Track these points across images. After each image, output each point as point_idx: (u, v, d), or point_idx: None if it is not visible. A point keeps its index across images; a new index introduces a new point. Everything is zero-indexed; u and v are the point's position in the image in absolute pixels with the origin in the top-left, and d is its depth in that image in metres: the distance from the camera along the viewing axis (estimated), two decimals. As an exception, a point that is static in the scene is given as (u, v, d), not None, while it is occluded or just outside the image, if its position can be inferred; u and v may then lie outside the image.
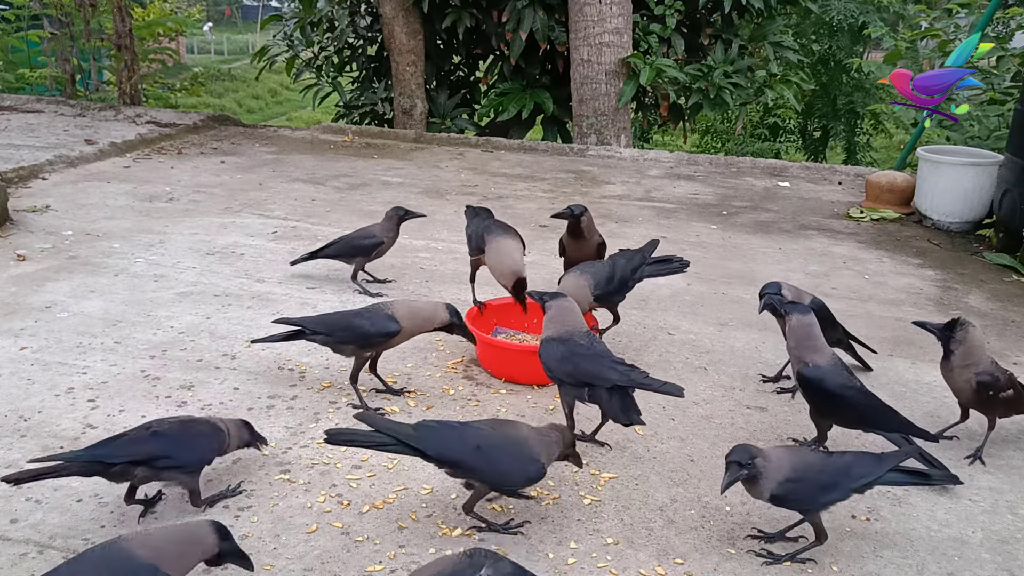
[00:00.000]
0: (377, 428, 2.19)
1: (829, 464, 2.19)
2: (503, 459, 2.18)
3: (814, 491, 2.14)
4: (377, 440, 2.18)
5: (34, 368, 3.02)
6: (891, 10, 15.74)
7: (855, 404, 2.47)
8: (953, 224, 5.23)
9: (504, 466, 2.18)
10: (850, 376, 2.50)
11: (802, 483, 2.12)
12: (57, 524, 2.20)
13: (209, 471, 2.45)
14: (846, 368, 2.53)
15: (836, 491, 2.15)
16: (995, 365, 2.68)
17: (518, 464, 2.18)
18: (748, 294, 3.99)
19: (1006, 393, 2.67)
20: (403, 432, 2.18)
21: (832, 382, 2.46)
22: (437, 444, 2.17)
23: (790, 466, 2.13)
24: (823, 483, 2.14)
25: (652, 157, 7.19)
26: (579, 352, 2.53)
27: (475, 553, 1.79)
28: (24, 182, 5.44)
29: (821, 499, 2.15)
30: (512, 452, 2.19)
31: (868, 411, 2.48)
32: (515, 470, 2.19)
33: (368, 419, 2.23)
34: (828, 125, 18.43)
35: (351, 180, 5.96)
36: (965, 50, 5.34)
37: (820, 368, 2.48)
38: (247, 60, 26.21)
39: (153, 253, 4.26)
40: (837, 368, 2.50)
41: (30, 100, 8.21)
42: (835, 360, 2.52)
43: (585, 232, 3.58)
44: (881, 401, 2.52)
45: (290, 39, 9.73)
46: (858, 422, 2.55)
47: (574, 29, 7.66)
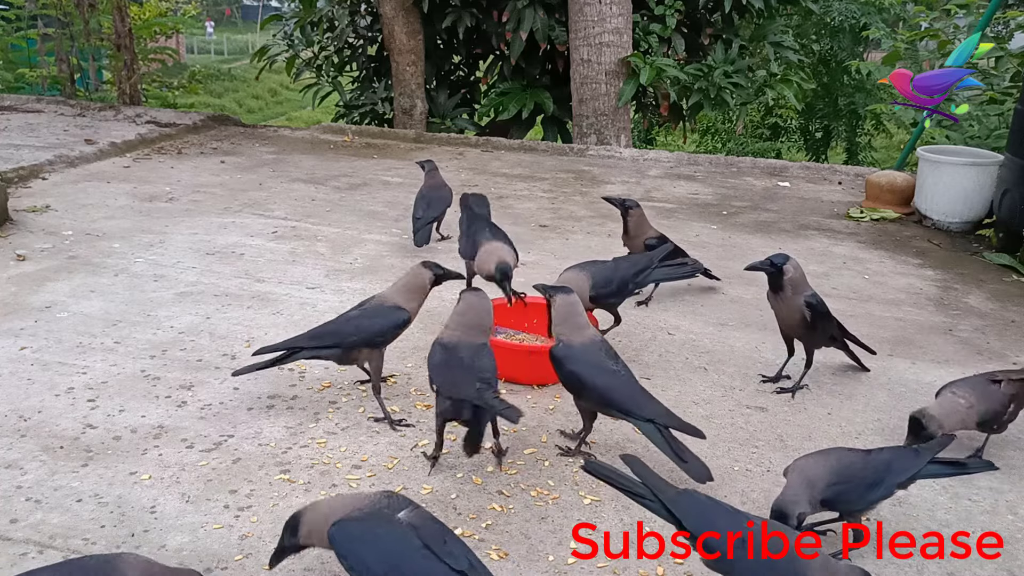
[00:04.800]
0: (642, 479, 1.96)
1: (871, 462, 2.21)
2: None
3: (861, 490, 2.16)
4: (635, 491, 1.97)
5: (34, 368, 3.02)
6: (892, 11, 15.73)
7: (600, 386, 2.45)
8: (953, 224, 5.23)
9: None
10: (606, 359, 2.49)
11: (849, 484, 2.14)
12: (57, 524, 2.20)
13: (209, 471, 2.46)
14: (606, 351, 2.52)
15: (881, 488, 2.18)
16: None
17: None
18: (748, 294, 3.99)
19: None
20: (666, 494, 1.92)
21: (578, 361, 2.47)
22: (699, 520, 1.87)
23: (833, 469, 2.15)
24: (869, 481, 2.16)
25: (652, 157, 7.19)
26: (452, 361, 2.44)
27: (393, 496, 1.82)
28: (24, 182, 5.44)
29: (868, 497, 2.18)
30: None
31: (616, 395, 2.45)
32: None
33: (635, 465, 2.02)
34: (830, 125, 18.43)
35: (351, 180, 5.96)
36: (965, 50, 5.34)
37: (570, 347, 2.50)
38: (247, 60, 26.21)
39: (153, 253, 4.26)
40: (591, 349, 2.50)
41: (30, 100, 8.21)
42: (593, 341, 2.52)
43: (631, 229, 3.69)
44: (638, 388, 2.48)
45: (290, 39, 9.73)
46: (605, 405, 2.50)
47: (574, 29, 7.66)
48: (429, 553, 1.75)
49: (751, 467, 2.61)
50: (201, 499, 2.33)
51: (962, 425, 2.58)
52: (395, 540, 1.78)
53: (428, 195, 4.52)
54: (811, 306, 2.95)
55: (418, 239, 4.36)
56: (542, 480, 2.49)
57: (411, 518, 1.81)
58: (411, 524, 1.80)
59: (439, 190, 4.54)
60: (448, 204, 4.56)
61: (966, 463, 2.41)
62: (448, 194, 4.54)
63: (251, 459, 2.52)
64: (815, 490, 2.13)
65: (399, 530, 1.78)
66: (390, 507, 1.81)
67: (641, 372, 3.19)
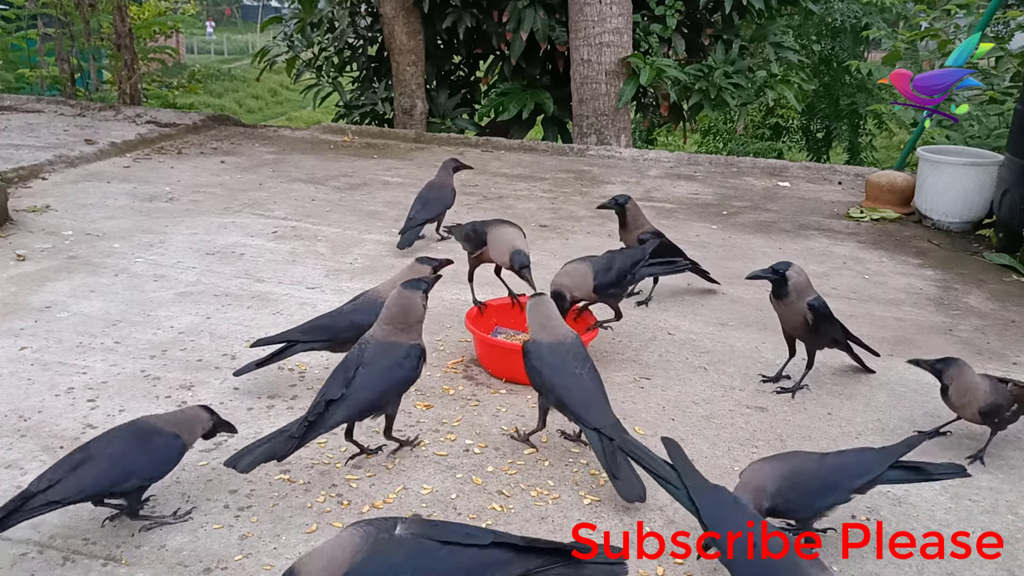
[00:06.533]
0: (673, 464, 1.97)
1: (823, 468, 2.14)
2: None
3: (809, 498, 2.08)
4: (663, 475, 1.97)
5: (34, 368, 3.02)
6: (893, 11, 15.72)
7: (557, 387, 2.47)
8: (953, 224, 5.23)
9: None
10: (571, 360, 2.50)
11: (797, 491, 2.06)
12: (57, 524, 2.20)
13: (209, 471, 2.46)
14: (574, 353, 2.52)
15: (834, 494, 2.11)
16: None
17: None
18: (748, 294, 3.99)
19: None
20: (695, 483, 1.92)
21: (541, 359, 2.51)
22: (715, 514, 1.87)
23: (782, 475, 2.08)
24: (817, 488, 2.09)
25: (652, 157, 7.19)
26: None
27: (372, 523, 1.72)
28: (24, 182, 5.45)
29: (816, 505, 2.10)
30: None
31: (569, 398, 2.45)
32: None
33: (672, 449, 2.01)
34: (831, 125, 18.41)
35: (351, 180, 5.96)
36: (965, 50, 5.34)
37: (538, 344, 2.54)
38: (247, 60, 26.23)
39: (153, 253, 4.26)
40: (556, 349, 2.52)
41: (30, 100, 8.21)
42: (562, 342, 2.54)
43: (629, 222, 3.76)
44: (596, 395, 2.47)
45: (290, 40, 9.73)
46: (561, 406, 2.50)
47: (574, 29, 7.66)
48: (452, 547, 1.70)
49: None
50: (201, 499, 2.33)
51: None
52: (416, 555, 1.69)
53: (426, 195, 4.51)
54: (814, 309, 2.95)
55: (402, 242, 4.36)
56: (542, 480, 2.49)
57: (409, 529, 1.73)
58: (414, 534, 1.72)
59: (440, 191, 4.52)
60: (448, 205, 4.56)
61: (932, 471, 2.25)
62: (449, 195, 4.53)
63: (251, 459, 2.52)
64: (761, 497, 2.04)
65: (412, 544, 1.70)
66: (382, 531, 1.70)
67: (641, 372, 3.19)
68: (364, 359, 2.40)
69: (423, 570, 1.67)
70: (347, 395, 2.33)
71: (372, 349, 2.43)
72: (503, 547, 1.74)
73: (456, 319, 3.54)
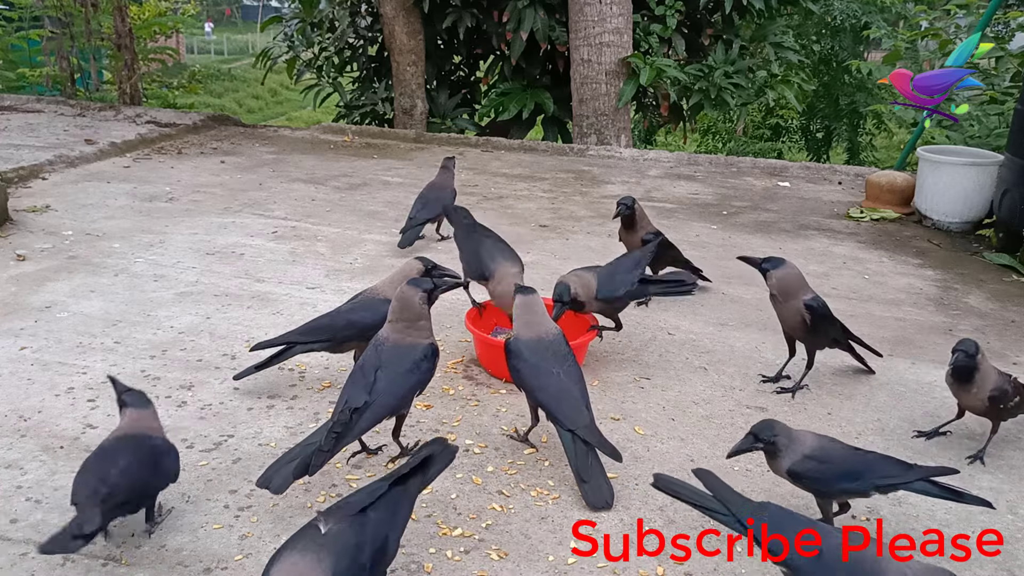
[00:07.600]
0: (714, 493, 1.99)
1: (854, 456, 2.23)
2: None
3: (834, 475, 2.17)
4: (707, 505, 1.99)
5: (34, 368, 3.02)
6: (893, 11, 15.72)
7: (533, 386, 2.50)
8: (953, 224, 5.23)
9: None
10: (550, 359, 2.51)
11: (824, 465, 2.16)
12: (57, 524, 2.19)
13: (209, 471, 2.46)
14: (554, 352, 2.53)
15: (857, 481, 2.18)
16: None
17: None
18: (748, 294, 3.99)
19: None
20: (742, 508, 1.95)
21: (520, 357, 2.53)
22: (781, 522, 1.90)
23: (815, 446, 2.18)
24: (844, 471, 2.17)
25: (652, 157, 7.19)
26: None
27: (303, 535, 1.76)
28: (24, 182, 5.45)
29: (838, 485, 2.19)
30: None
31: (544, 397, 2.48)
32: None
33: (708, 480, 2.03)
34: (831, 125, 18.40)
35: (351, 180, 5.96)
36: (965, 50, 5.34)
37: (518, 342, 2.57)
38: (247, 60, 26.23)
39: (153, 253, 4.26)
40: (536, 347, 2.54)
41: (30, 100, 8.22)
42: (542, 340, 2.56)
43: (637, 223, 3.81)
44: (572, 396, 2.47)
45: (291, 40, 9.73)
46: (537, 404, 2.54)
47: (574, 29, 7.66)
48: (371, 507, 1.81)
49: (751, 467, 2.61)
50: (201, 499, 2.33)
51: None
52: (359, 531, 1.77)
53: (426, 195, 4.52)
54: (811, 308, 2.95)
55: (402, 241, 4.39)
56: (542, 480, 2.49)
57: (329, 523, 1.76)
58: (338, 521, 1.77)
59: (440, 191, 4.52)
60: (448, 205, 4.55)
61: (962, 492, 2.24)
62: (449, 196, 4.50)
63: (251, 459, 2.52)
64: (798, 452, 2.15)
65: (350, 528, 1.76)
66: (315, 540, 1.73)
67: (641, 372, 3.19)
68: (382, 361, 2.38)
69: (374, 538, 1.79)
70: (370, 402, 2.31)
71: (388, 351, 2.41)
72: (396, 483, 1.90)
73: (456, 319, 3.54)
